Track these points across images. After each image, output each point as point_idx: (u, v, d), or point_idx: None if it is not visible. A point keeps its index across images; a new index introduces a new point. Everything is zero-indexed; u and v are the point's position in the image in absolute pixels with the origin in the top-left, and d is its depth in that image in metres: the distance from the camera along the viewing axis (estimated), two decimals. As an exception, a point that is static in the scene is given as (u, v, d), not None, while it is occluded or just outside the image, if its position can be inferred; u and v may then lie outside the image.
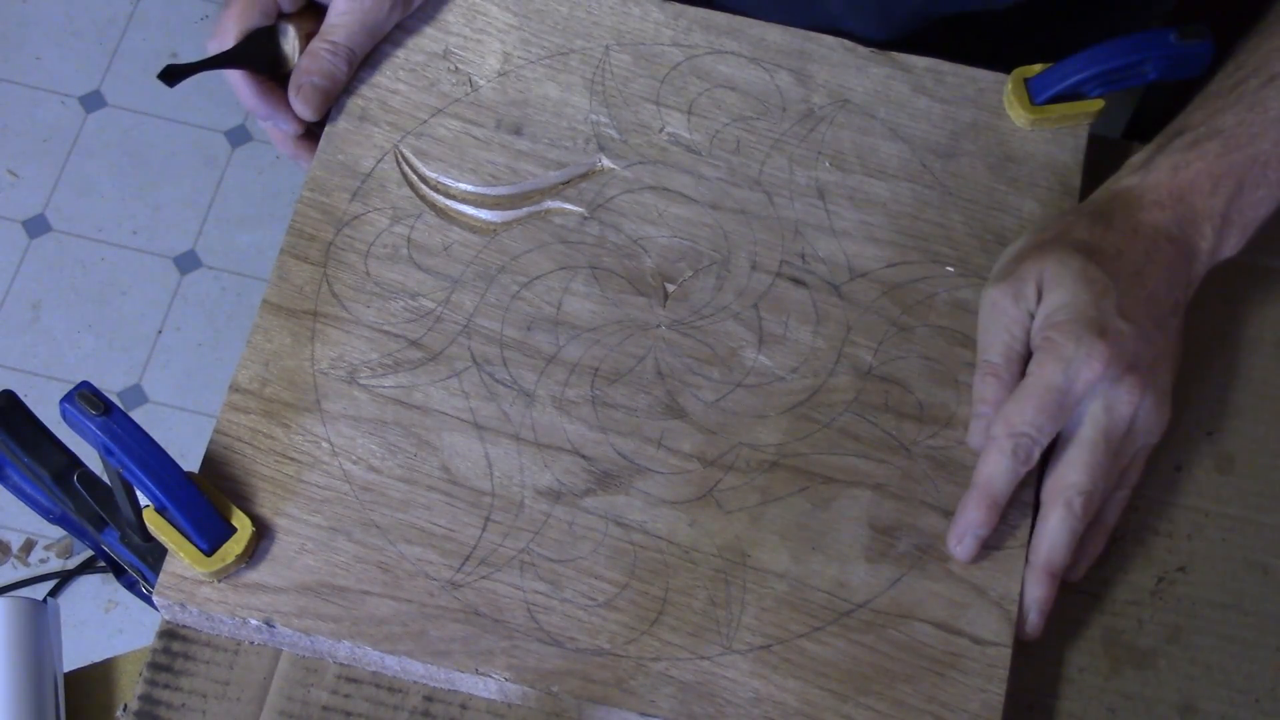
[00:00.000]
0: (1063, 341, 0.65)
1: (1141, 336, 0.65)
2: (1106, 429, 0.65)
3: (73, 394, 0.61)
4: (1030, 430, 0.64)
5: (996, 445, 0.64)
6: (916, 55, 0.77)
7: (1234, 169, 0.69)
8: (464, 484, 0.66)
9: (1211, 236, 0.69)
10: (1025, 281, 0.67)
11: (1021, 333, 0.67)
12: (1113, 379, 0.65)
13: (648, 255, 0.71)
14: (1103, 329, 0.65)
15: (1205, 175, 0.69)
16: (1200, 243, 0.69)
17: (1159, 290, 0.67)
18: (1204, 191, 0.69)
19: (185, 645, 0.65)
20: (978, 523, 0.64)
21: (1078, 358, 0.64)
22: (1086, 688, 0.67)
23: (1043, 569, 0.65)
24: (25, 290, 1.75)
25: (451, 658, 0.62)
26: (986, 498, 0.64)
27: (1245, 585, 0.69)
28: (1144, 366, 0.65)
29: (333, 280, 0.70)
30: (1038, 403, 0.64)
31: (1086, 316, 0.65)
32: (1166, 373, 0.67)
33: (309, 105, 0.74)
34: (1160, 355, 0.66)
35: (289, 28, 0.75)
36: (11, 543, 1.63)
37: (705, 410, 0.68)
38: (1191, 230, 0.69)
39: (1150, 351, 0.66)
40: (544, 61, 0.76)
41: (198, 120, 1.85)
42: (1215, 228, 0.69)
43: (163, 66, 0.71)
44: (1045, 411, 0.64)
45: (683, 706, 0.62)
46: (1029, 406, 0.64)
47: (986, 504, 0.64)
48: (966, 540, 0.64)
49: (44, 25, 1.91)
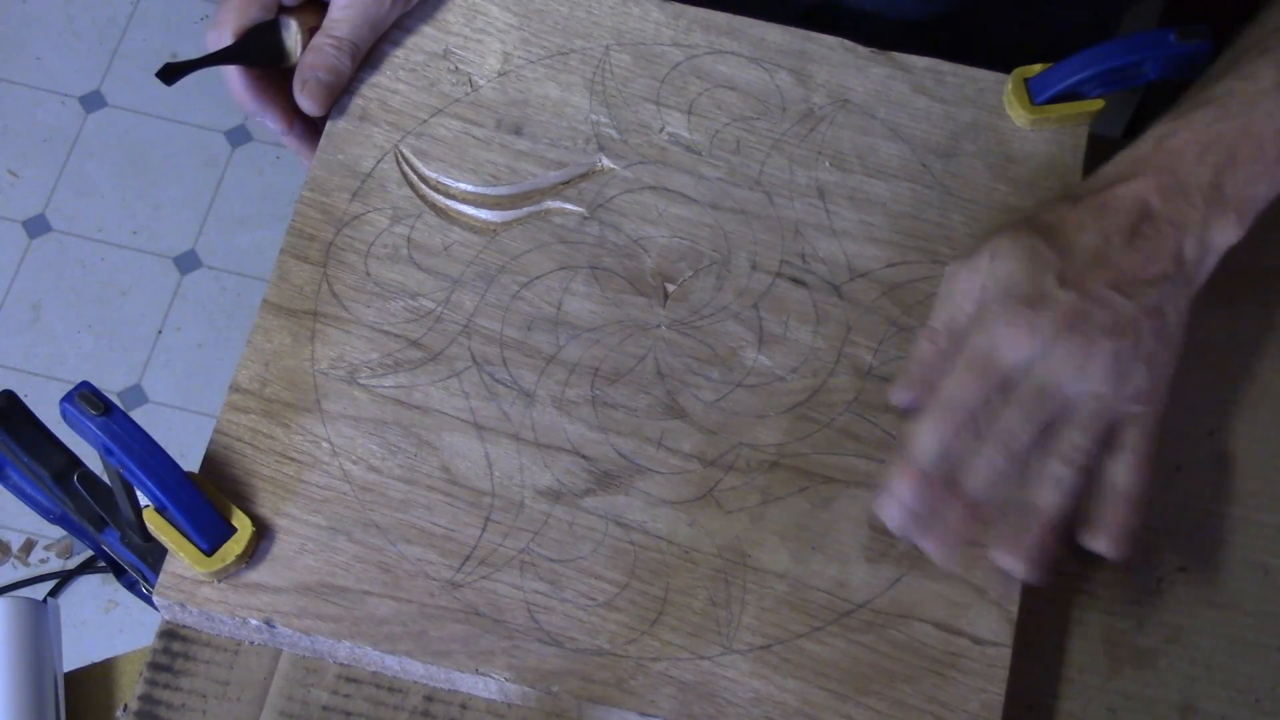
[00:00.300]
0: (990, 313, 0.65)
1: (1091, 303, 0.64)
2: (1039, 384, 0.63)
3: (73, 394, 0.61)
4: (957, 393, 0.63)
5: (925, 413, 0.64)
6: (916, 55, 0.77)
7: (1224, 137, 0.66)
8: (464, 484, 0.66)
9: (1202, 206, 0.66)
10: (979, 255, 0.67)
11: (969, 305, 0.66)
12: (1048, 342, 0.63)
13: (648, 255, 0.71)
14: (1033, 299, 0.64)
15: (1192, 143, 0.67)
16: (1189, 212, 0.66)
17: (1127, 261, 0.65)
18: (1190, 159, 0.66)
19: (185, 645, 0.65)
20: (903, 488, 0.63)
21: (999, 326, 0.64)
22: (1086, 688, 0.67)
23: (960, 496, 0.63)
24: (25, 290, 1.75)
25: (451, 658, 0.63)
26: (912, 463, 0.63)
27: (1245, 585, 0.69)
28: (1093, 329, 0.63)
29: (333, 280, 0.70)
30: (962, 368, 0.64)
31: (1018, 288, 0.64)
32: (1139, 341, 0.64)
33: (315, 101, 0.73)
34: (1124, 323, 0.64)
35: (291, 22, 0.74)
36: (11, 543, 1.63)
37: (705, 410, 0.68)
38: (1178, 198, 0.66)
39: (1106, 317, 0.64)
40: (544, 61, 0.76)
41: (198, 120, 1.85)
42: (1205, 198, 0.66)
43: (164, 64, 0.71)
44: (970, 373, 0.63)
45: (683, 706, 0.62)
46: (955, 373, 0.64)
47: (910, 469, 0.63)
48: (891, 507, 0.64)
49: (44, 25, 1.91)
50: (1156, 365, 0.65)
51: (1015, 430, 0.63)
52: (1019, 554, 0.63)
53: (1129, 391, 0.64)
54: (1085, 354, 0.63)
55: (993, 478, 0.63)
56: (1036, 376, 0.64)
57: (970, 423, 0.63)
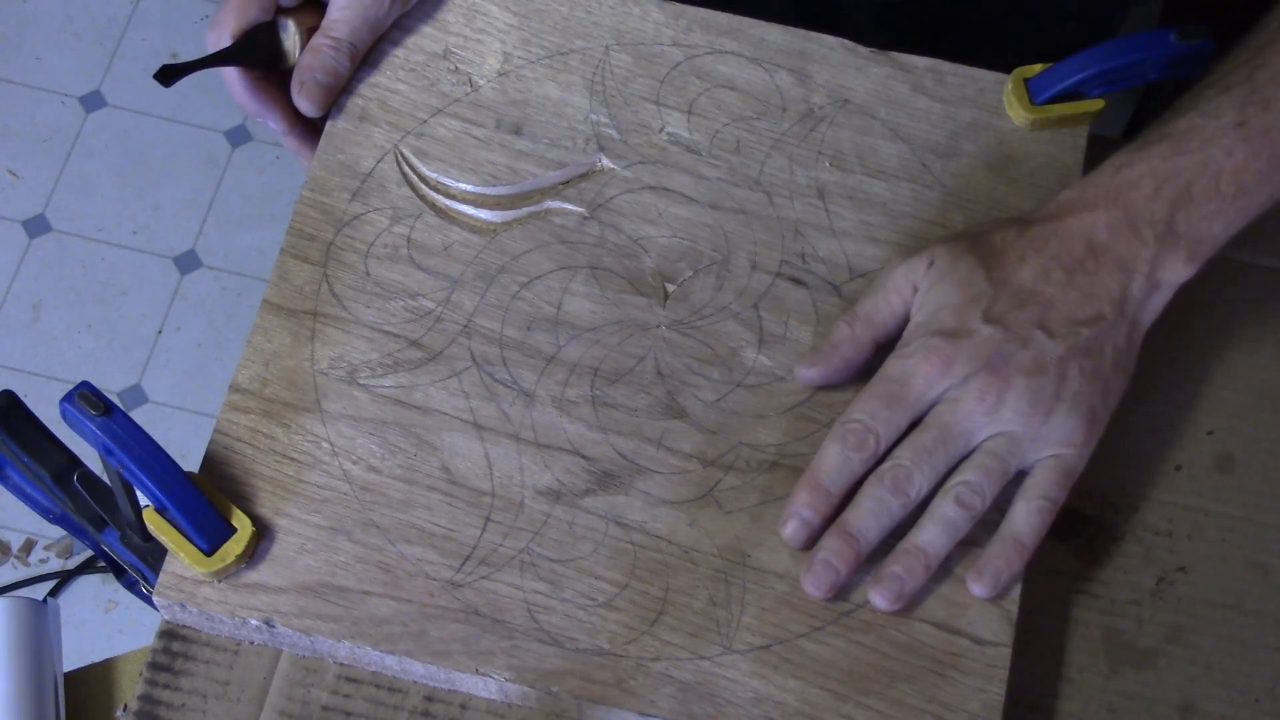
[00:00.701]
0: (908, 340, 0.66)
1: (1012, 341, 0.64)
2: (945, 420, 0.64)
3: (73, 394, 0.61)
4: (861, 417, 0.64)
5: (831, 434, 0.65)
6: (917, 55, 0.77)
7: (1180, 172, 0.66)
8: (464, 484, 0.66)
9: (1153, 243, 0.65)
10: (920, 258, 0.67)
11: (897, 301, 0.67)
12: (962, 377, 0.64)
13: (648, 255, 0.71)
14: (954, 331, 0.64)
15: (1148, 176, 0.66)
16: (1139, 249, 0.65)
17: (1061, 299, 0.65)
18: (1145, 193, 0.66)
19: (185, 645, 0.65)
20: (801, 503, 0.64)
21: (916, 355, 0.64)
22: (1086, 688, 0.67)
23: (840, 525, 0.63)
24: (25, 290, 1.75)
25: (451, 658, 0.63)
26: (812, 480, 0.64)
27: (1245, 585, 0.69)
28: (1010, 369, 0.63)
29: (333, 280, 0.70)
30: (870, 392, 0.65)
31: (941, 319, 0.65)
32: (1064, 381, 0.64)
33: (313, 102, 0.73)
34: (1046, 363, 0.64)
35: (289, 23, 0.74)
36: (11, 543, 1.63)
37: (705, 410, 0.68)
38: (1128, 234, 0.65)
39: (1027, 357, 0.64)
40: (544, 61, 0.76)
41: (198, 120, 1.85)
42: (1157, 234, 0.65)
43: (161, 66, 0.71)
44: (877, 399, 0.64)
45: (683, 706, 0.62)
46: (863, 396, 0.65)
47: (811, 486, 0.64)
48: (790, 522, 0.64)
49: (44, 25, 1.91)
50: (1082, 406, 0.65)
51: (909, 470, 0.63)
52: (894, 597, 0.63)
53: (1046, 433, 0.64)
54: (999, 394, 0.63)
55: (878, 513, 0.63)
56: (943, 413, 0.64)
57: (870, 445, 0.64)
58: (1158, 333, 0.68)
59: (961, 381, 0.64)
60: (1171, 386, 0.73)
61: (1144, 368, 0.67)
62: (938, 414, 0.64)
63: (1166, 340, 0.73)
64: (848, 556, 0.63)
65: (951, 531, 0.63)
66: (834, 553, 0.63)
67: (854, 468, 0.64)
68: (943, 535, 0.63)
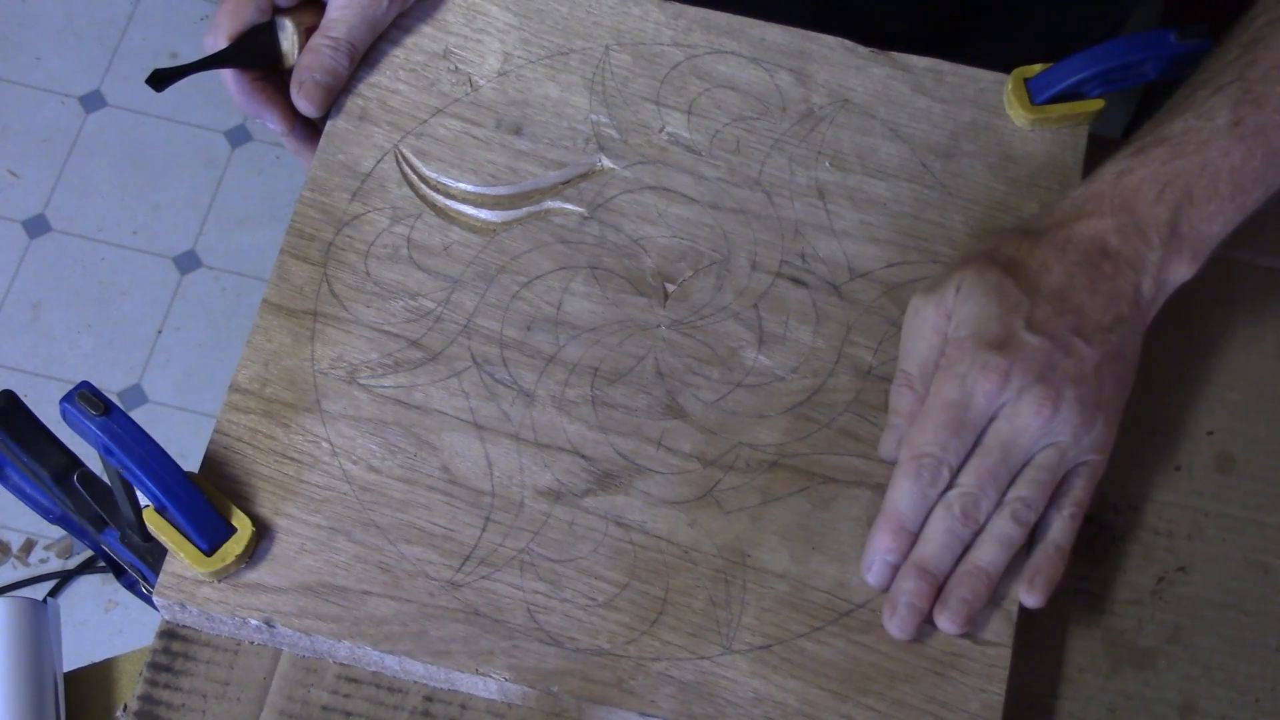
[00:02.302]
0: (959, 357, 0.65)
1: (1057, 349, 0.64)
2: (1005, 439, 0.64)
3: (73, 394, 0.61)
4: (933, 449, 0.63)
5: (902, 469, 0.64)
6: (916, 55, 0.77)
7: (1180, 175, 0.66)
8: (464, 484, 0.66)
9: (1159, 247, 0.66)
10: (945, 292, 0.67)
11: (940, 342, 0.66)
12: (1017, 391, 0.63)
13: (648, 255, 0.71)
14: (1002, 343, 0.64)
15: (1149, 181, 0.67)
16: (1147, 253, 0.66)
17: (1090, 304, 0.65)
18: (1148, 198, 0.66)
19: (185, 645, 0.65)
20: (885, 548, 0.64)
21: (972, 373, 0.64)
22: (1086, 688, 0.67)
23: (916, 564, 0.63)
24: (25, 290, 1.75)
25: (451, 658, 0.63)
26: (893, 522, 0.64)
27: (1245, 585, 0.69)
28: (1060, 379, 0.64)
29: (333, 280, 0.70)
30: (936, 420, 0.64)
31: (987, 331, 0.64)
32: (1101, 388, 0.65)
33: (311, 102, 0.73)
34: (1087, 370, 0.64)
35: (287, 23, 0.74)
36: (11, 543, 1.63)
37: (705, 410, 0.68)
38: (1135, 239, 0.66)
39: (1071, 365, 0.64)
40: (544, 61, 0.76)
41: (198, 120, 1.85)
42: (1162, 238, 0.66)
43: (152, 70, 0.71)
44: (946, 428, 0.64)
45: (683, 706, 0.62)
46: (929, 425, 0.64)
47: (893, 528, 0.64)
48: (875, 566, 0.64)
49: (44, 25, 1.91)
50: (1111, 411, 0.65)
51: (977, 498, 0.63)
52: (964, 620, 0.63)
53: (1087, 442, 0.65)
54: (1054, 405, 0.63)
55: (950, 545, 0.64)
56: (1003, 432, 0.64)
57: (944, 477, 0.64)
58: (1158, 333, 0.68)
59: (1017, 395, 0.64)
60: (1171, 386, 0.73)
61: (1144, 368, 0.67)
62: (998, 432, 0.64)
63: (1166, 340, 0.73)
64: (927, 594, 0.63)
65: (1009, 548, 0.64)
66: (916, 595, 0.63)
67: (931, 501, 0.64)
68: (1002, 553, 0.64)
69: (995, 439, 0.64)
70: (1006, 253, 0.67)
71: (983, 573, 0.63)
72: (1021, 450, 0.64)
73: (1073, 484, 0.65)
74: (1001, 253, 0.67)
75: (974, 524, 0.64)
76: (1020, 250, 0.67)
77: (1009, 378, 0.63)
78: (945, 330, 0.66)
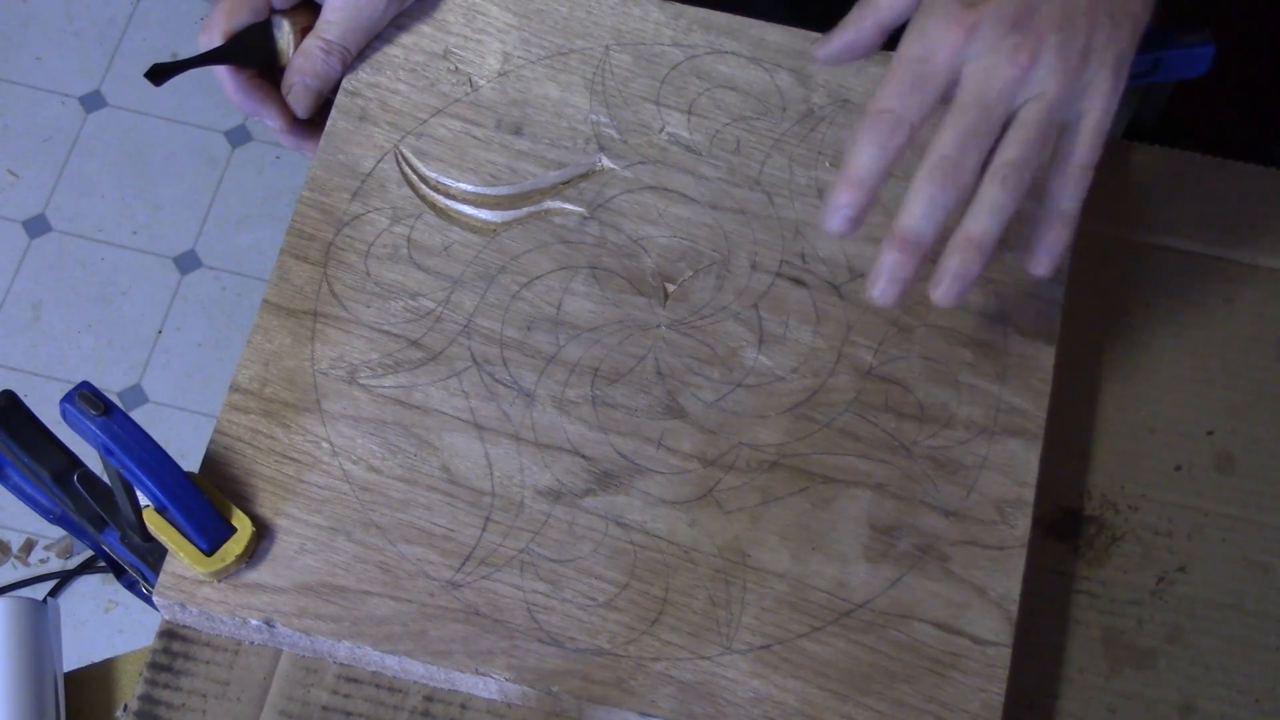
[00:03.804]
0: (923, 13, 0.61)
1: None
2: (980, 94, 0.60)
3: (73, 394, 0.61)
4: (890, 103, 0.60)
5: (862, 123, 0.61)
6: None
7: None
8: (464, 484, 0.66)
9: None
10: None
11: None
12: (988, 42, 0.60)
13: (648, 255, 0.71)
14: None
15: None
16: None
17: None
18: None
19: (185, 645, 0.65)
20: (841, 203, 0.60)
21: (934, 25, 0.60)
22: (1086, 688, 0.67)
23: (896, 234, 0.60)
24: (25, 290, 1.75)
25: (451, 658, 0.63)
26: (848, 176, 0.60)
27: (1245, 585, 0.69)
28: (1040, 24, 0.60)
29: (333, 280, 0.70)
30: (894, 75, 0.60)
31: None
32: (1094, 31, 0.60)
33: (300, 105, 0.74)
34: (1074, 13, 0.60)
35: (283, 22, 0.75)
36: (11, 543, 1.63)
37: (705, 410, 0.68)
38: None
39: (1053, 8, 0.60)
40: (544, 61, 0.76)
41: (198, 120, 1.85)
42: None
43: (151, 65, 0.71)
44: (903, 82, 0.60)
45: (683, 706, 0.62)
46: (888, 81, 0.60)
47: (848, 182, 0.60)
48: (832, 218, 0.60)
49: (44, 25, 1.91)
50: (1109, 55, 0.61)
51: (957, 159, 0.59)
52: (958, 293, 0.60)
53: (1080, 91, 0.61)
54: (1032, 53, 0.59)
55: (932, 213, 0.60)
56: (978, 87, 0.60)
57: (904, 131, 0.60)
58: (1158, 333, 0.68)
59: (991, 47, 0.60)
60: (1171, 386, 0.73)
61: (1144, 367, 0.67)
62: (972, 88, 0.60)
63: (1166, 340, 0.73)
64: (908, 265, 0.60)
65: (1002, 216, 0.60)
66: (897, 265, 0.60)
67: (890, 155, 0.60)
68: (994, 222, 0.60)
69: (969, 95, 0.60)
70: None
71: (974, 243, 0.60)
72: (1001, 105, 0.60)
73: (1072, 142, 0.62)
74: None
75: (955, 188, 0.60)
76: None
77: (976, 29, 0.59)
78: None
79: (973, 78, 0.60)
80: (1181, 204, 0.77)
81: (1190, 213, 0.76)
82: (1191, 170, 0.77)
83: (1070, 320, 0.71)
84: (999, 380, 0.69)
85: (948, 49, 0.60)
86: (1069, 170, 0.62)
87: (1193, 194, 0.77)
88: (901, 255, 0.60)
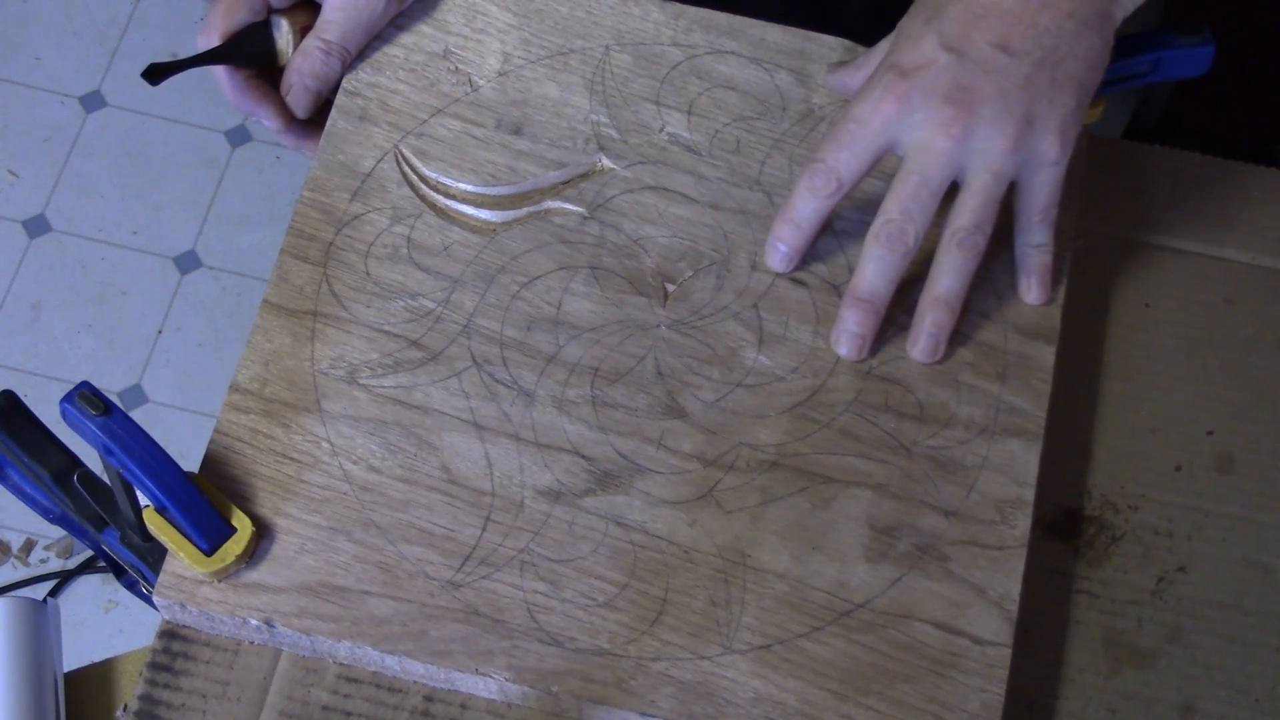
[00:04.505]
0: (872, 77, 0.66)
1: (972, 67, 0.63)
2: (918, 163, 0.64)
3: (73, 394, 0.61)
4: (824, 157, 0.66)
5: (802, 169, 0.67)
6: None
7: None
8: (464, 484, 0.66)
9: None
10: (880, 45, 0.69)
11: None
12: (922, 114, 0.63)
13: (648, 255, 0.71)
14: (911, 65, 0.64)
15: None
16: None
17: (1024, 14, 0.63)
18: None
19: (185, 645, 0.65)
20: (777, 236, 0.68)
21: (873, 92, 0.65)
22: (1086, 688, 0.67)
23: (851, 295, 0.67)
24: (25, 290, 1.75)
25: (451, 658, 0.63)
26: (785, 214, 0.68)
27: (1245, 585, 0.69)
28: (973, 98, 0.63)
29: (333, 280, 0.70)
30: (832, 134, 0.66)
31: (895, 54, 0.65)
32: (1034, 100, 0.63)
33: (300, 106, 0.74)
34: (1010, 85, 0.63)
35: (282, 22, 0.75)
36: (11, 543, 1.63)
37: (705, 410, 0.68)
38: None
39: (990, 83, 0.63)
40: (544, 61, 0.76)
41: (198, 120, 1.85)
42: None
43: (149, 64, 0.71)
44: (838, 141, 0.65)
45: (683, 706, 0.62)
46: (828, 135, 0.66)
47: (784, 219, 0.68)
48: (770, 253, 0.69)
49: (44, 25, 1.91)
50: (1052, 120, 0.64)
51: (901, 224, 0.64)
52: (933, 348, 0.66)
53: (1025, 155, 0.64)
54: (964, 126, 0.63)
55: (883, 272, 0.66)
56: (914, 156, 0.64)
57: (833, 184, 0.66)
58: (1158, 333, 0.68)
59: (924, 117, 0.64)
60: (1171, 386, 0.73)
61: (1144, 367, 0.67)
62: (912, 158, 0.64)
63: (1166, 340, 0.73)
64: (867, 321, 0.67)
65: (964, 275, 0.66)
66: (856, 322, 0.67)
67: (820, 200, 0.66)
68: (957, 281, 0.66)
69: (910, 165, 0.65)
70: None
71: (942, 302, 0.66)
72: (938, 174, 0.64)
73: (1030, 195, 0.66)
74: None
75: (902, 249, 0.65)
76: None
77: (908, 99, 0.64)
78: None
79: (913, 148, 0.64)
80: (1181, 204, 0.77)
81: (1190, 213, 0.76)
82: (1191, 170, 0.77)
83: (1070, 320, 0.71)
84: (999, 380, 0.69)
85: (881, 116, 0.64)
86: (1031, 221, 0.67)
87: (1193, 194, 0.77)
88: (859, 313, 0.67)
